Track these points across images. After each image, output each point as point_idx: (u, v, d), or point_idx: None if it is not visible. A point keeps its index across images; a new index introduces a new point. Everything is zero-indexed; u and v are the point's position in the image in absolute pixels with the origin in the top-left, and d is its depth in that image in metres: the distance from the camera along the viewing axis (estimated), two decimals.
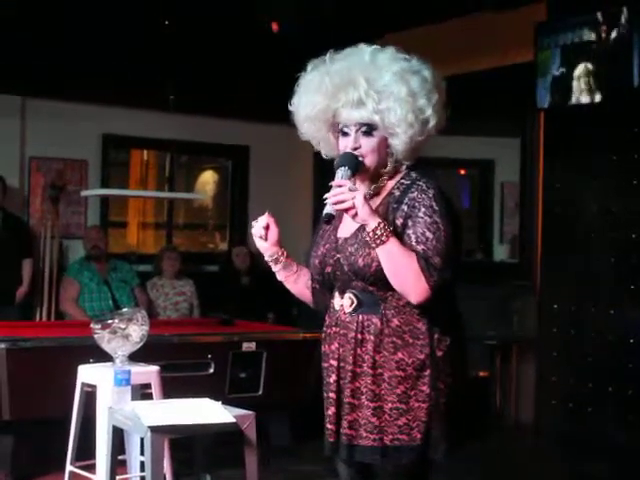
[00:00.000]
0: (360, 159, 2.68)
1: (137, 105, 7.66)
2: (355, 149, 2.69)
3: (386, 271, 2.59)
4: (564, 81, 6.01)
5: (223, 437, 3.28)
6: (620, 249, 5.86)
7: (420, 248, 2.58)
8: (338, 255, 2.74)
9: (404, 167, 2.75)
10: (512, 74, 6.56)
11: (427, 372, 2.64)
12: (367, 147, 2.70)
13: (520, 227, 7.12)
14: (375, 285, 2.66)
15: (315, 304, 2.91)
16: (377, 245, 2.58)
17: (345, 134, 2.72)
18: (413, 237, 2.60)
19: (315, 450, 2.90)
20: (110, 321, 3.92)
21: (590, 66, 5.87)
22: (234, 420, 3.21)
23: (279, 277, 2.90)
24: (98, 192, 7.39)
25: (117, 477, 3.51)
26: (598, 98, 5.84)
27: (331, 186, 2.62)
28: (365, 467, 2.79)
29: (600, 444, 5.74)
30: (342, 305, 2.75)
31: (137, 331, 3.91)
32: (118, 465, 3.54)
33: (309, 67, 2.78)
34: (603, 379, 5.88)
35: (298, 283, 2.90)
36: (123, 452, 3.94)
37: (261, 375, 5.49)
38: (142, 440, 3.28)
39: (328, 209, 2.61)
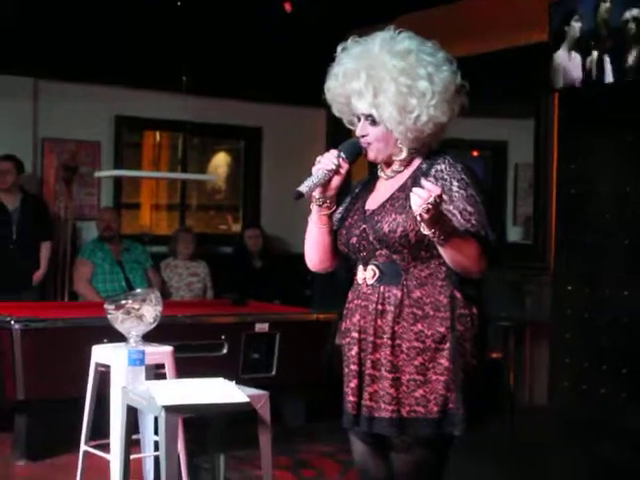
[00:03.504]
0: (364, 147, 2.76)
1: (150, 86, 7.64)
2: (363, 136, 2.77)
3: (450, 262, 2.61)
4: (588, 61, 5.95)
5: (237, 417, 3.29)
6: (635, 230, 5.83)
7: (469, 225, 2.60)
8: (364, 225, 2.76)
9: (417, 153, 2.78)
10: (525, 55, 6.52)
11: (447, 345, 2.64)
12: (373, 136, 2.76)
13: (534, 209, 7.08)
14: (399, 253, 2.68)
15: (337, 266, 2.91)
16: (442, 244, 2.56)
17: (359, 119, 2.79)
18: (457, 213, 2.62)
19: (329, 431, 2.90)
20: (123, 302, 3.93)
21: (606, 47, 5.81)
22: (248, 400, 3.22)
23: (314, 224, 2.83)
24: (111, 173, 7.40)
25: (131, 456, 3.53)
26: (610, 79, 5.79)
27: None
28: (382, 443, 2.78)
29: (614, 426, 5.72)
30: (364, 277, 2.77)
31: (150, 312, 3.92)
32: (132, 444, 3.55)
33: (338, 50, 2.81)
34: (617, 361, 5.86)
35: (327, 237, 2.84)
36: (137, 431, 3.96)
37: (274, 356, 5.50)
38: (156, 419, 3.30)
39: (302, 187, 2.71)
